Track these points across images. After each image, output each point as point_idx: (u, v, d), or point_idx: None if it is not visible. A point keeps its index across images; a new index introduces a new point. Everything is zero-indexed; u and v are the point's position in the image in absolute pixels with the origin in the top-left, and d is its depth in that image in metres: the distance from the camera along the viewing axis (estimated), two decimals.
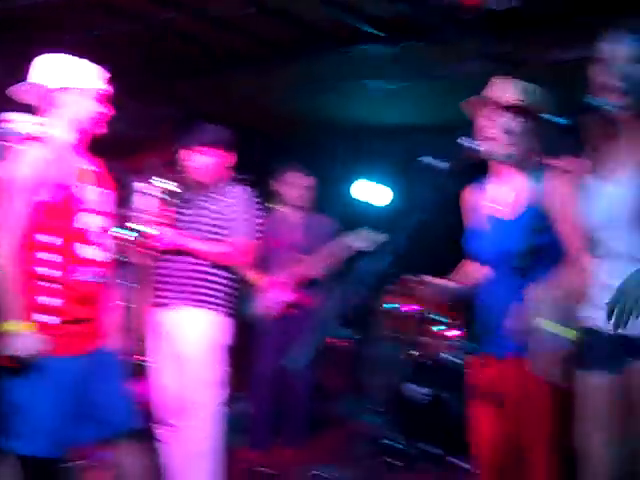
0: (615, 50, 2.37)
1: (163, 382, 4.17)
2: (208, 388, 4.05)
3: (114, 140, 6.70)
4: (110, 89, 3.36)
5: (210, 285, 4.10)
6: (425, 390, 5.04)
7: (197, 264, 4.09)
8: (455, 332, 5.51)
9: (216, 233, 4.12)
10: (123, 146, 6.88)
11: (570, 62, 5.16)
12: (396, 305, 5.68)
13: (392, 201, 8.16)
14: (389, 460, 4.93)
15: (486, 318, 2.95)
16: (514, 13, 4.69)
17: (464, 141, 2.77)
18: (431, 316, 5.46)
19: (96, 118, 3.31)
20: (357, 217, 7.27)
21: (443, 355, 5.21)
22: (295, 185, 5.36)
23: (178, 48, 6.21)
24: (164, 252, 4.08)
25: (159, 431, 4.19)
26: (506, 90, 2.96)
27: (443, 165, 2.84)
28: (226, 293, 4.16)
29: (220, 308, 4.12)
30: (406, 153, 7.88)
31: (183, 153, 4.25)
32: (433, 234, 2.83)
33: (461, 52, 5.51)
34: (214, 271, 4.11)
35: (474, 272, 3.14)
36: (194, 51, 6.29)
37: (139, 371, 4.23)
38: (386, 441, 5.06)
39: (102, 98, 3.33)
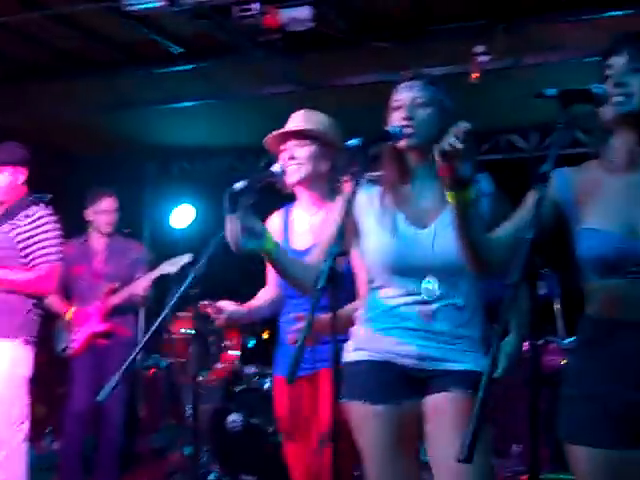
0: (406, 94, 2.48)
1: None
2: (9, 424, 3.88)
3: None
4: None
5: (10, 314, 3.93)
6: (236, 417, 5.05)
7: None
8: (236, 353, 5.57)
9: (16, 257, 3.97)
10: None
11: (368, 85, 5.40)
12: (186, 330, 5.67)
13: (199, 222, 8.15)
14: None
15: (282, 341, 3.04)
16: (313, 36, 4.83)
17: (264, 164, 2.85)
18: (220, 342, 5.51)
19: None
20: (171, 241, 7.24)
21: (254, 379, 5.26)
22: (105, 211, 5.26)
23: None
24: None
25: None
26: (301, 118, 3.09)
27: (242, 187, 2.91)
28: (27, 321, 4.00)
29: (19, 338, 3.95)
30: (212, 174, 7.95)
31: None
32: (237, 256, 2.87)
33: (263, 73, 5.62)
34: (15, 299, 3.95)
35: (270, 296, 3.24)
36: None
37: None
38: (206, 473, 5.04)
39: None
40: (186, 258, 4.88)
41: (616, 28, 2.13)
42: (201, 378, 5.40)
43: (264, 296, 3.29)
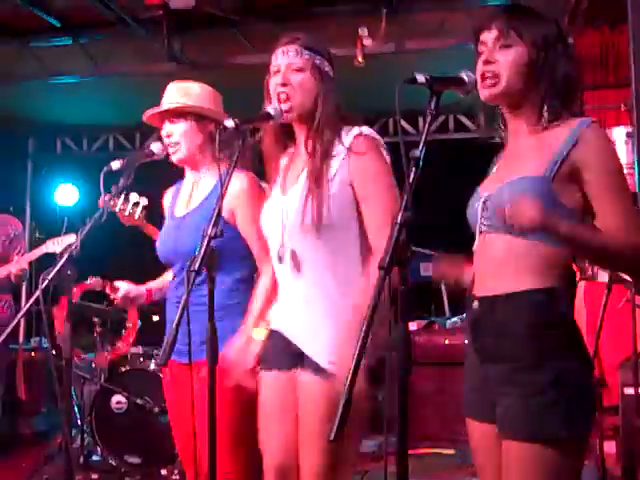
0: (282, 59, 2.45)
1: None
2: None
3: None
4: None
5: None
6: (121, 398, 4.98)
7: None
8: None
9: None
10: None
11: (251, 66, 5.37)
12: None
13: (82, 202, 7.98)
14: (94, 476, 4.81)
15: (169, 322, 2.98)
16: (197, 15, 4.77)
17: (147, 143, 2.79)
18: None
19: None
20: (55, 219, 7.04)
21: (140, 360, 5.19)
22: None
23: None
24: None
25: None
26: (175, 92, 3.01)
27: (118, 166, 2.86)
28: None
29: None
30: (94, 152, 7.78)
31: None
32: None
33: (146, 51, 5.51)
34: None
35: (165, 275, 3.18)
36: None
37: None
38: (88, 455, 4.95)
39: None
40: (71, 238, 4.74)
41: None
42: (86, 358, 5.27)
43: (165, 278, 3.23)
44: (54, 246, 4.76)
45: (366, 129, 2.44)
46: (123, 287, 3.09)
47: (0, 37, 5.72)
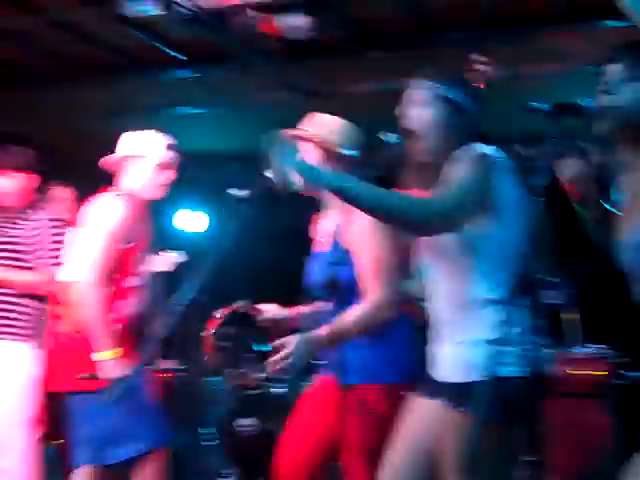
0: (412, 94, 2.50)
1: None
2: (21, 425, 3.90)
3: None
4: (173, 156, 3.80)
5: (16, 315, 3.97)
6: (251, 421, 5.08)
7: (6, 294, 3.96)
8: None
9: (20, 260, 4.00)
10: None
11: (366, 93, 5.44)
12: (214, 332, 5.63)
13: (209, 228, 8.19)
14: None
15: None
16: (312, 44, 4.87)
17: (266, 171, 2.87)
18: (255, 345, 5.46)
19: (158, 184, 3.72)
20: (177, 244, 7.25)
21: (267, 384, 5.28)
22: (59, 199, 5.20)
23: None
24: None
25: None
26: (305, 122, 3.11)
27: (244, 194, 2.95)
28: (34, 322, 4.01)
29: (28, 339, 3.97)
30: (216, 180, 7.99)
31: None
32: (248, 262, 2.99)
33: (261, 80, 5.66)
34: (20, 301, 3.98)
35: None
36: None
37: None
38: (220, 476, 5.06)
39: (165, 165, 3.73)
40: (177, 256, 4.85)
41: (616, 38, 2.13)
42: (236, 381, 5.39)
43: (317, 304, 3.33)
44: (163, 265, 4.88)
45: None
46: (268, 310, 3.19)
47: (126, 71, 5.97)
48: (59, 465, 5.52)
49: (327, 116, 3.13)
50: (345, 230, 2.87)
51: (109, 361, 3.39)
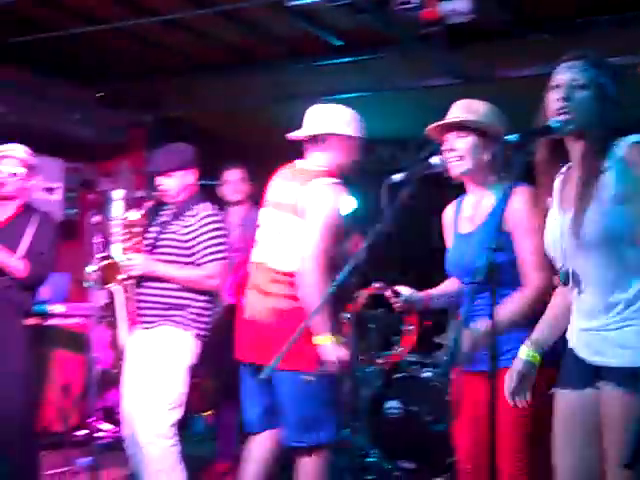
0: (565, 74, 2.47)
1: (126, 397, 4.24)
2: (161, 408, 4.08)
3: (85, 145, 6.85)
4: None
5: (183, 308, 4.14)
6: (395, 404, 5.12)
7: (171, 288, 4.14)
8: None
9: (186, 255, 4.15)
10: (93, 150, 6.99)
11: (525, 79, 5.36)
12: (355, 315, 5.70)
13: (356, 210, 8.25)
14: (369, 477, 4.98)
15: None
16: (473, 28, 4.84)
17: (424, 156, 2.92)
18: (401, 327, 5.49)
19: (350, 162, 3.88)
20: None
21: (416, 367, 5.30)
22: (228, 181, 5.41)
23: (148, 53, 6.31)
24: (140, 276, 4.15)
25: (125, 445, 4.29)
26: (461, 109, 3.12)
27: (403, 178, 3.01)
28: (199, 315, 4.19)
29: (191, 329, 4.15)
30: (368, 164, 8.06)
31: (153, 178, 4.31)
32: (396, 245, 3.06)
33: (422, 65, 5.68)
34: (187, 295, 4.14)
35: (450, 285, 3.31)
36: (165, 57, 6.40)
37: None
38: (365, 457, 5.12)
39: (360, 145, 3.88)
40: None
41: None
42: (380, 361, 5.46)
43: (446, 287, 3.36)
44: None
45: None
46: (405, 292, 3.24)
47: (286, 59, 6.14)
48: (210, 434, 5.83)
49: (479, 101, 3.14)
50: (507, 214, 2.87)
51: (328, 345, 3.53)
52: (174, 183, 4.21)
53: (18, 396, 4.31)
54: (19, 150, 4.43)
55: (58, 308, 5.97)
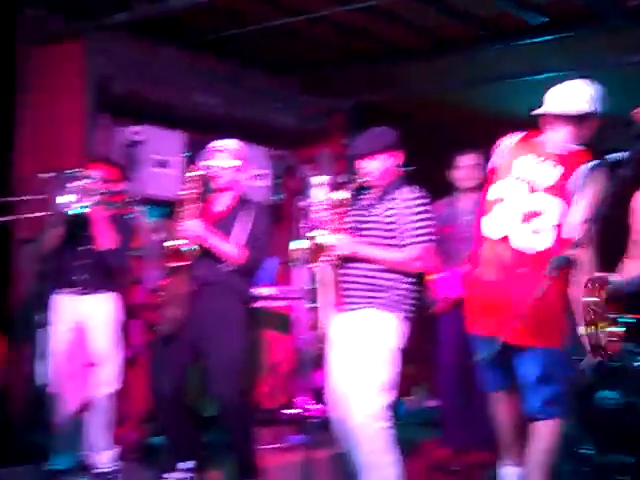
0: None
1: (335, 380, 4.30)
2: (374, 389, 4.11)
3: (285, 131, 7.07)
4: None
5: (388, 289, 4.15)
6: (611, 394, 4.96)
7: (376, 270, 4.16)
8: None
9: (390, 238, 4.16)
10: (294, 137, 7.21)
11: None
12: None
13: None
14: (582, 469, 4.88)
15: None
16: None
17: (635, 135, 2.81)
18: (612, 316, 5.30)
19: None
20: None
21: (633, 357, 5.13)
22: (460, 166, 5.37)
23: (345, 40, 6.42)
24: (344, 258, 4.19)
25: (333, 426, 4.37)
26: None
27: (619, 158, 2.91)
28: (405, 297, 4.20)
29: (398, 312, 4.17)
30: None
31: (355, 161, 4.34)
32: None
33: (626, 42, 5.44)
34: (393, 276, 4.16)
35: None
36: (363, 44, 6.50)
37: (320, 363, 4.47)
38: (579, 449, 5.00)
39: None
40: None
41: None
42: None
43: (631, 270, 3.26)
44: None
45: None
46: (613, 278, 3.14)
47: (483, 40, 6.08)
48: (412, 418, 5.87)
49: None
50: None
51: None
52: (377, 166, 4.24)
53: (237, 376, 4.54)
54: (232, 144, 4.65)
55: (267, 290, 6.23)
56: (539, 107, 3.88)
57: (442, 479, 4.95)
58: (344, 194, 4.24)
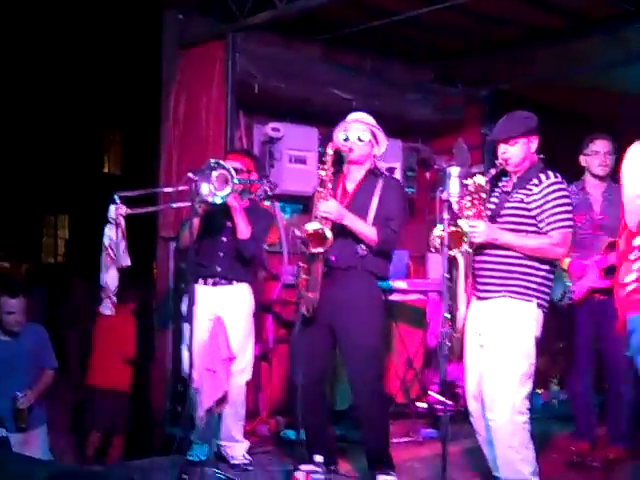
0: None
1: (470, 371, 4.27)
2: (513, 380, 4.06)
3: (421, 123, 7.02)
4: None
5: (525, 277, 4.08)
6: None
7: (513, 257, 4.10)
8: None
9: (530, 224, 4.10)
10: (430, 128, 7.15)
11: None
12: None
13: None
14: None
15: None
16: None
17: None
18: None
19: None
20: None
21: None
22: (595, 152, 5.15)
23: (478, 28, 6.32)
24: (480, 245, 4.11)
25: (471, 419, 4.32)
26: None
27: None
28: (541, 284, 4.12)
29: (535, 300, 4.09)
30: None
31: (497, 145, 4.27)
32: None
33: None
34: (530, 263, 4.09)
35: None
36: (496, 30, 6.37)
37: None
38: None
39: None
40: None
41: None
42: None
43: None
44: None
45: None
46: None
47: (632, 17, 5.81)
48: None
49: None
50: None
51: None
52: (517, 150, 4.17)
53: (376, 361, 4.53)
54: (367, 117, 4.61)
55: (399, 284, 6.22)
56: None
57: (580, 475, 4.80)
58: (482, 179, 4.18)
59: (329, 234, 4.24)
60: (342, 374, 4.67)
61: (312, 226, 4.30)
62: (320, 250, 4.26)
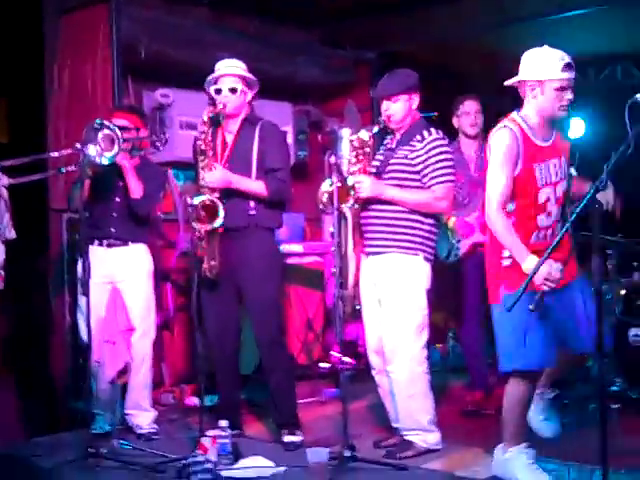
0: None
1: (369, 327, 4.42)
2: (410, 332, 4.22)
3: (311, 86, 7.00)
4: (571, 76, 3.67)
5: (411, 231, 4.23)
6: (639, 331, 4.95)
7: (398, 211, 4.24)
8: None
9: (414, 180, 4.24)
10: (320, 91, 7.15)
11: None
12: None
13: (585, 134, 7.88)
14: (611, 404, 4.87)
15: None
16: None
17: None
18: None
19: (558, 106, 3.65)
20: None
21: None
22: (465, 113, 5.31)
23: None
24: (366, 201, 4.26)
25: (373, 373, 4.45)
26: None
27: None
28: (426, 238, 4.27)
29: (421, 253, 4.25)
30: (600, 82, 7.68)
31: (378, 102, 4.40)
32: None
33: None
34: (415, 217, 4.23)
35: None
36: None
37: (356, 315, 4.50)
38: (609, 386, 4.99)
39: (563, 88, 3.64)
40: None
41: None
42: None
43: None
44: None
45: None
46: None
47: None
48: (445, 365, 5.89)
49: None
50: None
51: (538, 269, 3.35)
52: (399, 107, 4.29)
53: (277, 312, 4.63)
54: (234, 64, 4.56)
55: (295, 247, 6.25)
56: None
57: (475, 423, 4.96)
58: (365, 134, 4.26)
59: (221, 212, 4.29)
60: (247, 338, 4.70)
61: (200, 199, 4.33)
62: (215, 226, 4.29)
